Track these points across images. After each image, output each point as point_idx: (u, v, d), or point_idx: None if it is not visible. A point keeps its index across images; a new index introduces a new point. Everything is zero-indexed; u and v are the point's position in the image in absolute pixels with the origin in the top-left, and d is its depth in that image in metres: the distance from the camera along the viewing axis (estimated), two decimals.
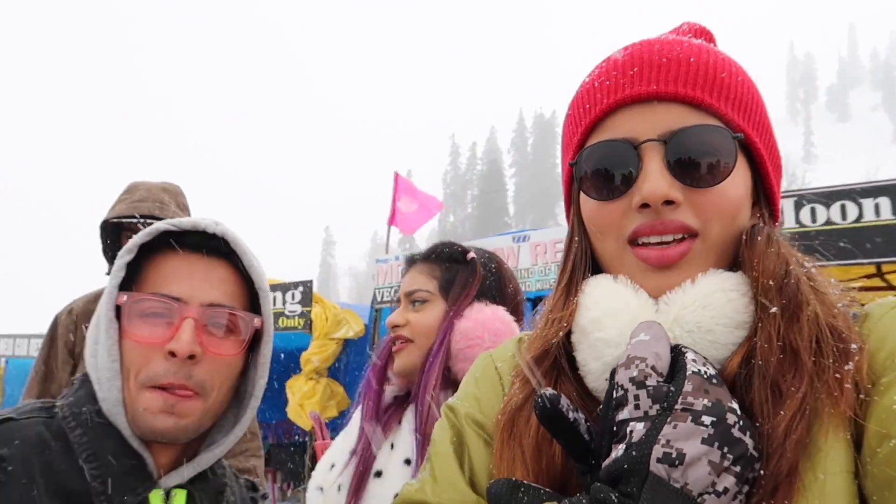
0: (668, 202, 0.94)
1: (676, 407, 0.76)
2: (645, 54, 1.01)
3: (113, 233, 3.43)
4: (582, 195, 1.05)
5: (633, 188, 0.97)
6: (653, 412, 0.78)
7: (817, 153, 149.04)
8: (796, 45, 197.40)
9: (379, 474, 1.97)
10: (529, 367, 1.03)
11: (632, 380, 0.81)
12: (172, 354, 1.28)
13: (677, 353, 0.85)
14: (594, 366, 0.98)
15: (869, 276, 8.86)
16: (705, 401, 0.76)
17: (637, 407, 0.80)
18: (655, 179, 0.94)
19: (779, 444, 0.79)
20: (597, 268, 1.08)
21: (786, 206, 7.05)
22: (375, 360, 2.17)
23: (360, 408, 2.15)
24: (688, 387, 0.78)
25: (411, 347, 2.05)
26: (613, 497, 0.77)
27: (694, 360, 0.82)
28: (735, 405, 0.78)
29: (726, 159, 0.96)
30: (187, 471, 1.37)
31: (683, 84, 0.97)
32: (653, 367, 0.81)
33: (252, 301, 1.43)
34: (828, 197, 6.99)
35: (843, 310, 0.92)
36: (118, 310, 1.34)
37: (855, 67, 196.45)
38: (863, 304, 0.97)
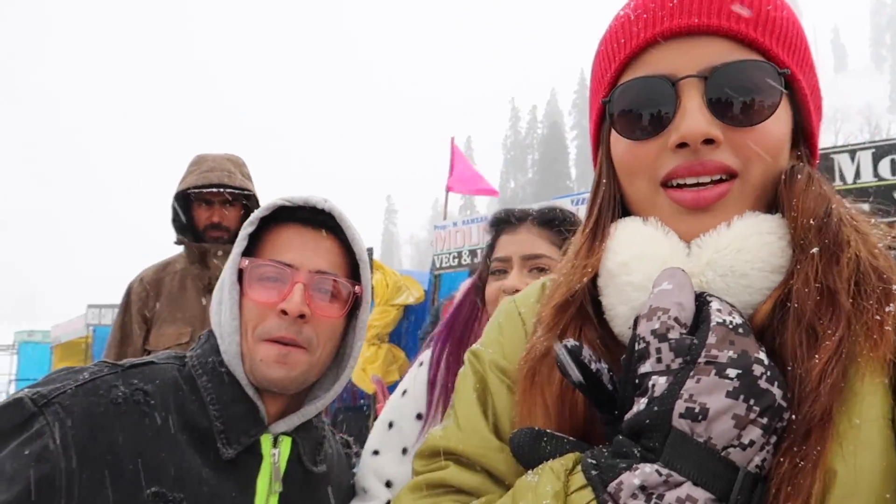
0: (708, 141, 0.90)
1: (700, 360, 0.75)
2: None
3: (184, 203, 3.67)
4: (613, 135, 1.01)
5: (670, 127, 0.92)
6: (675, 366, 0.77)
7: None
8: None
9: (391, 425, 1.89)
10: (553, 315, 1.01)
11: (654, 332, 0.79)
12: (284, 313, 1.46)
13: (702, 301, 0.82)
14: (621, 310, 0.95)
15: None
16: (730, 353, 0.74)
17: (659, 360, 0.78)
18: (694, 117, 0.89)
19: (813, 387, 0.77)
20: (625, 213, 1.04)
21: (864, 158, 6.64)
22: (444, 336, 2.01)
23: (419, 368, 2.03)
24: (712, 338, 0.76)
25: None
26: (636, 451, 0.76)
27: (719, 310, 0.79)
28: (762, 355, 0.75)
29: (771, 97, 0.91)
30: (294, 420, 1.56)
31: (727, 17, 0.91)
32: (675, 319, 0.79)
33: (353, 270, 1.61)
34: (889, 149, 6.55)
35: (885, 251, 0.87)
36: (240, 274, 1.53)
37: None
38: None
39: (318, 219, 1.58)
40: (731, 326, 0.77)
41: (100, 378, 1.37)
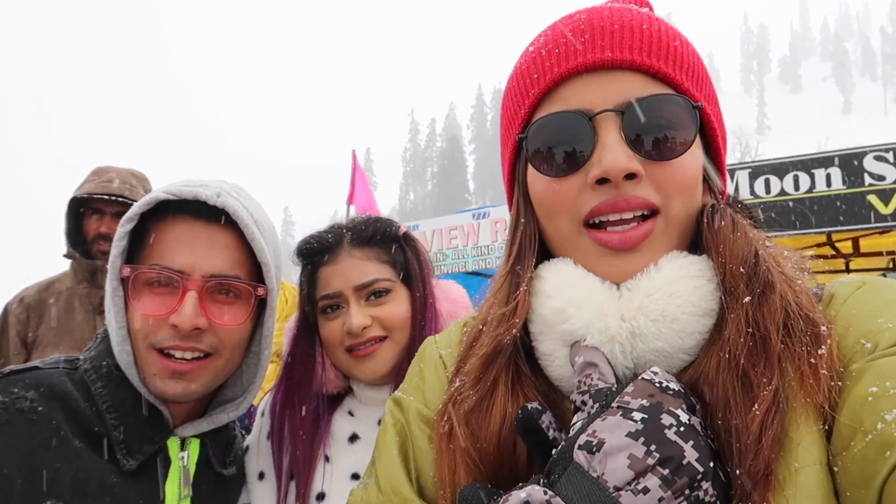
0: (630, 176, 0.89)
1: (613, 404, 0.75)
2: (595, 21, 0.94)
3: (76, 213, 3.37)
4: (530, 172, 0.98)
5: (589, 162, 0.91)
6: (593, 410, 0.78)
7: (770, 124, 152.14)
8: (750, 16, 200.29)
9: (321, 497, 1.65)
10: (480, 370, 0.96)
11: (581, 391, 0.80)
12: (176, 327, 1.31)
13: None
14: (562, 352, 0.93)
15: (819, 245, 9.12)
16: (643, 401, 0.74)
17: (583, 410, 0.80)
18: (615, 152, 0.88)
19: (754, 440, 0.76)
20: (545, 253, 1.01)
21: (741, 178, 7.14)
22: (282, 386, 1.80)
23: (261, 418, 1.81)
24: (630, 388, 0.76)
25: (387, 345, 1.70)
26: (541, 482, 0.77)
27: (655, 372, 0.78)
28: (684, 414, 0.74)
29: (687, 131, 0.91)
30: (202, 425, 1.44)
31: (639, 52, 0.92)
32: (600, 376, 0.81)
33: (259, 269, 1.43)
34: (781, 168, 7.14)
35: (806, 289, 0.88)
36: (123, 281, 1.34)
37: (806, 39, 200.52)
38: (817, 273, 0.93)
39: (212, 211, 1.36)
40: (657, 384, 0.76)
41: None
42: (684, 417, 0.73)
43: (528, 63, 0.99)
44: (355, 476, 1.64)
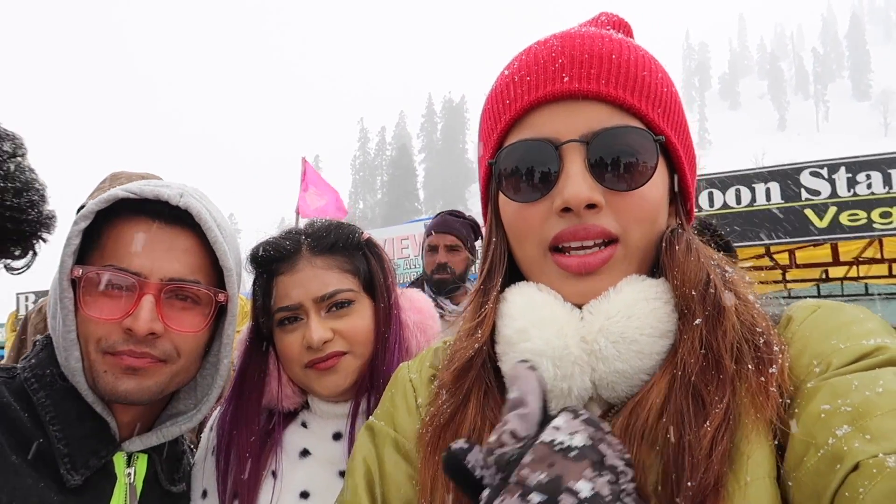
0: (591, 206, 0.92)
1: (511, 479, 0.73)
2: (566, 48, 0.97)
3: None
4: (501, 196, 1.02)
5: (554, 190, 0.94)
6: (495, 481, 0.76)
7: (711, 139, 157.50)
8: (691, 33, 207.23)
9: None
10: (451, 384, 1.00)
11: (489, 450, 0.79)
12: (131, 331, 1.25)
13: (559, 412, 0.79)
14: None
15: (758, 257, 9.48)
16: (542, 476, 0.71)
17: (489, 473, 0.78)
18: (577, 182, 0.92)
19: (704, 455, 0.79)
20: (514, 270, 1.05)
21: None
22: (232, 401, 1.68)
23: (209, 433, 1.71)
24: (528, 458, 0.74)
25: (348, 360, 1.60)
26: None
27: (557, 428, 0.75)
28: (586, 485, 0.70)
29: (648, 162, 0.95)
30: (151, 439, 1.37)
31: (606, 83, 0.94)
32: (511, 433, 0.78)
33: (220, 275, 1.37)
34: (723, 182, 7.40)
35: (761, 311, 0.92)
36: (74, 282, 1.27)
37: (744, 57, 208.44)
38: (759, 284, 0.97)
39: (173, 213, 1.31)
40: (557, 448, 0.73)
41: None
42: (585, 491, 0.70)
43: (502, 87, 1.03)
44: (304, 494, 1.54)
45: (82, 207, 3.56)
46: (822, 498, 0.73)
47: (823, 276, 11.71)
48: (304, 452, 1.60)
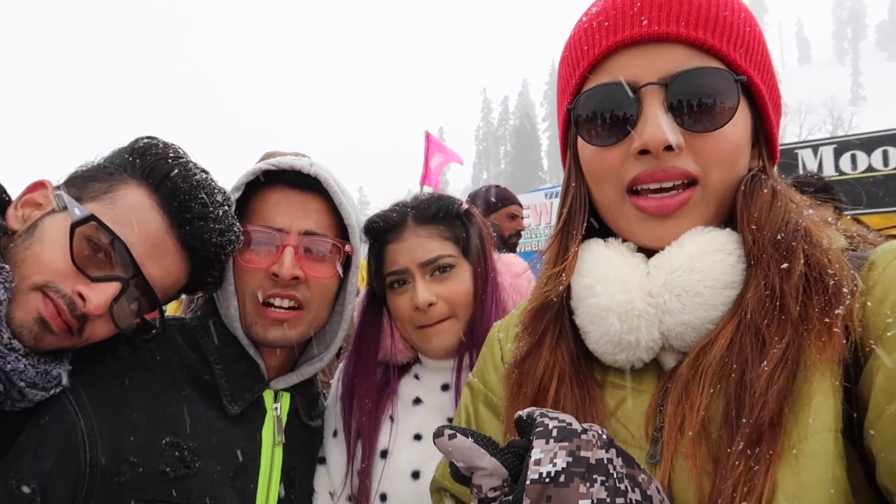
0: (669, 148, 0.92)
1: None
2: None
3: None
4: (579, 140, 1.03)
5: (633, 133, 0.94)
6: None
7: (865, 94, 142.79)
8: None
9: (385, 454, 1.77)
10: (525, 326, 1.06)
11: (478, 497, 0.80)
12: (277, 276, 1.51)
13: (524, 448, 0.79)
14: (590, 329, 0.99)
15: None
16: None
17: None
18: (655, 124, 0.92)
19: (761, 393, 0.79)
20: (593, 213, 1.06)
21: (825, 154, 6.86)
22: (352, 354, 1.93)
23: (336, 382, 1.96)
24: (525, 502, 0.73)
25: (451, 323, 1.79)
26: None
27: (537, 461, 0.75)
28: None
29: (728, 103, 0.93)
30: (293, 378, 1.66)
31: (685, 24, 0.93)
32: (490, 489, 0.79)
33: (343, 232, 1.64)
34: (869, 143, 6.77)
35: (837, 254, 0.89)
36: None
37: None
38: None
39: (304, 181, 1.59)
40: (547, 479, 0.73)
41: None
42: None
43: (580, 34, 1.03)
44: (417, 436, 1.75)
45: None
46: None
47: None
48: (417, 401, 1.83)
